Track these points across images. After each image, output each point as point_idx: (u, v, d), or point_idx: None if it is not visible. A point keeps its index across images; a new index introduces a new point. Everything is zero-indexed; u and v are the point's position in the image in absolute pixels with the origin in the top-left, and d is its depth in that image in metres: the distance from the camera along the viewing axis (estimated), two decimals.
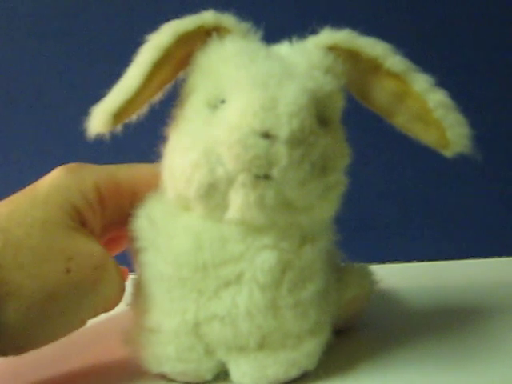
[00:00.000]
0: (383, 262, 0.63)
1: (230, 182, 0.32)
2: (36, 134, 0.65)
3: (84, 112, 0.34)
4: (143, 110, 0.36)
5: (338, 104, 0.35)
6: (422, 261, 0.65)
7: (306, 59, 0.34)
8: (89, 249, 0.35)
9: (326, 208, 0.35)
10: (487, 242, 0.67)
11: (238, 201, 0.32)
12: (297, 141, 0.31)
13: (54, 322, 0.34)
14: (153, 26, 0.35)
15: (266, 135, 0.31)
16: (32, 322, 0.33)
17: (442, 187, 0.68)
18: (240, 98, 0.32)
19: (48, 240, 0.34)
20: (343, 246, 0.39)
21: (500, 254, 0.66)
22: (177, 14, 0.35)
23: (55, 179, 0.37)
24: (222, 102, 0.33)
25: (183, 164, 0.33)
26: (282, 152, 0.31)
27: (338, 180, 0.34)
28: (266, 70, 0.32)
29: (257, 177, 0.31)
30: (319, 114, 0.33)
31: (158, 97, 0.37)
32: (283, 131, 0.31)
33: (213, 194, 0.33)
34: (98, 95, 0.34)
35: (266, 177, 0.31)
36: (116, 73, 0.34)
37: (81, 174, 0.37)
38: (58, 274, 0.33)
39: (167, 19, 0.35)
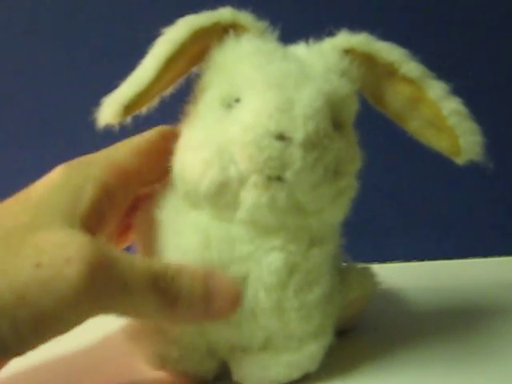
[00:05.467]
0: (384, 261, 0.63)
1: (242, 181, 0.32)
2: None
3: (94, 104, 0.33)
4: (154, 103, 0.35)
5: (353, 107, 0.35)
6: (422, 260, 0.65)
7: (323, 61, 0.34)
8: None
9: (337, 212, 0.35)
10: (487, 242, 0.67)
11: (249, 201, 0.32)
12: (311, 144, 0.31)
13: None
14: (168, 20, 0.34)
15: (281, 137, 0.30)
16: None
17: (442, 187, 0.67)
18: (255, 99, 0.31)
19: (21, 235, 0.29)
20: (344, 245, 0.39)
21: (500, 254, 0.66)
22: (194, 9, 0.34)
23: (51, 181, 0.33)
24: (237, 100, 0.33)
25: (195, 161, 0.33)
26: (296, 154, 0.31)
27: (350, 184, 0.34)
28: (282, 71, 0.32)
29: (269, 178, 0.31)
30: (334, 117, 0.33)
31: (170, 91, 0.36)
32: (298, 134, 0.30)
33: (223, 192, 0.32)
34: (108, 88, 0.34)
35: (279, 178, 0.31)
36: (127, 66, 0.34)
37: (83, 171, 0.34)
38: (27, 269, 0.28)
39: (183, 14, 0.34)
